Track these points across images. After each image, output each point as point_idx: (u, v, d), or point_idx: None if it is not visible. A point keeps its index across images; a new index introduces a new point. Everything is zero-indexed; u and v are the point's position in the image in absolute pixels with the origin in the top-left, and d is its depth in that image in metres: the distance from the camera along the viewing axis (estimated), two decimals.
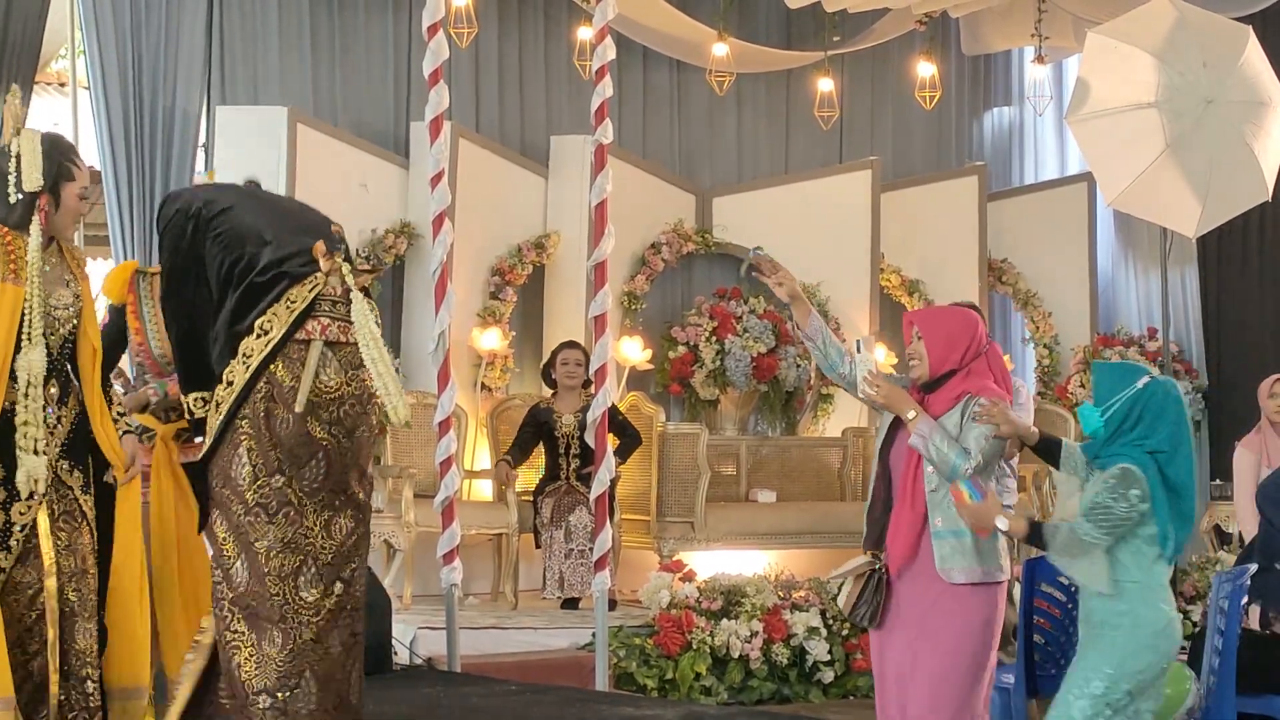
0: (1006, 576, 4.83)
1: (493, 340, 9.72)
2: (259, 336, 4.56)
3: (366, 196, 9.49)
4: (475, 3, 9.51)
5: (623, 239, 8.49)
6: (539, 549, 8.89)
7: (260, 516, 4.53)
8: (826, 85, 11.01)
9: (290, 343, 4.55)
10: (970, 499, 4.55)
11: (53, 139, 4.87)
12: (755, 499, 10.12)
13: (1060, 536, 4.48)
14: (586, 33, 9.66)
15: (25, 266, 4.68)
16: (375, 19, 10.02)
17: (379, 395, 4.57)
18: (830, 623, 8.28)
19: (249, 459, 4.54)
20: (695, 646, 7.93)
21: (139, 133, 8.91)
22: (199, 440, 5.43)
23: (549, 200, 10.23)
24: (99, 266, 8.78)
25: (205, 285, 4.68)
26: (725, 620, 8.07)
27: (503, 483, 8.99)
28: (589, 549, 8.14)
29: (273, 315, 4.56)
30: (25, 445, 4.64)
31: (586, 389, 8.68)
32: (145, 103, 8.97)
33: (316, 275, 4.61)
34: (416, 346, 9.36)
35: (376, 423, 4.67)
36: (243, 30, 9.52)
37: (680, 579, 8.28)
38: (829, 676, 8.24)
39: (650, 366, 10.41)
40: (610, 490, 7.38)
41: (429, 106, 6.93)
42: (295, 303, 4.57)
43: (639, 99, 10.97)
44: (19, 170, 4.70)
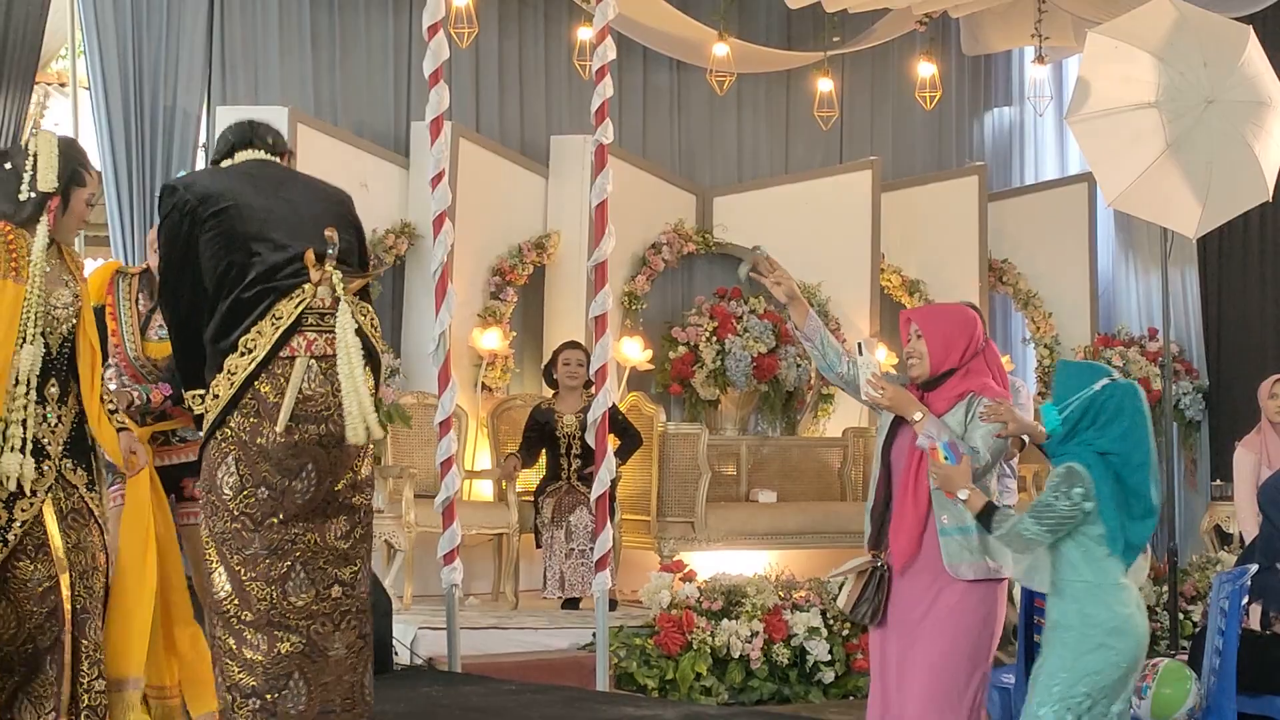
0: (1009, 574, 4.83)
1: (493, 340, 9.72)
2: (243, 354, 4.53)
3: (367, 196, 9.48)
4: (475, 3, 9.51)
5: (623, 239, 8.49)
6: (539, 549, 8.89)
7: (246, 525, 4.52)
8: (826, 85, 11.01)
9: (275, 359, 4.52)
10: (945, 459, 4.57)
11: (68, 143, 4.88)
12: (755, 499, 10.12)
13: (1005, 525, 4.48)
14: (586, 33, 9.66)
15: (27, 265, 4.69)
16: (375, 19, 10.03)
17: (347, 411, 4.53)
18: (831, 623, 8.28)
19: (236, 469, 4.53)
20: (696, 647, 7.93)
21: (139, 133, 8.91)
22: (178, 443, 5.46)
23: (549, 200, 10.23)
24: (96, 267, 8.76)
25: (201, 282, 4.65)
26: (726, 620, 8.07)
27: (506, 475, 9.00)
28: (589, 549, 8.15)
29: (257, 333, 4.53)
30: (6, 442, 4.63)
31: (588, 389, 8.68)
32: (145, 103, 8.97)
33: (305, 287, 4.56)
34: (417, 346, 9.36)
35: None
36: (243, 30, 9.52)
37: (681, 579, 8.27)
38: (829, 677, 8.24)
39: (650, 367, 10.41)
40: (611, 490, 7.38)
41: (429, 106, 6.93)
42: (281, 319, 4.53)
43: (639, 99, 10.97)
44: (34, 169, 4.71)
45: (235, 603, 4.56)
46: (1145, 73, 7.31)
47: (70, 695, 4.77)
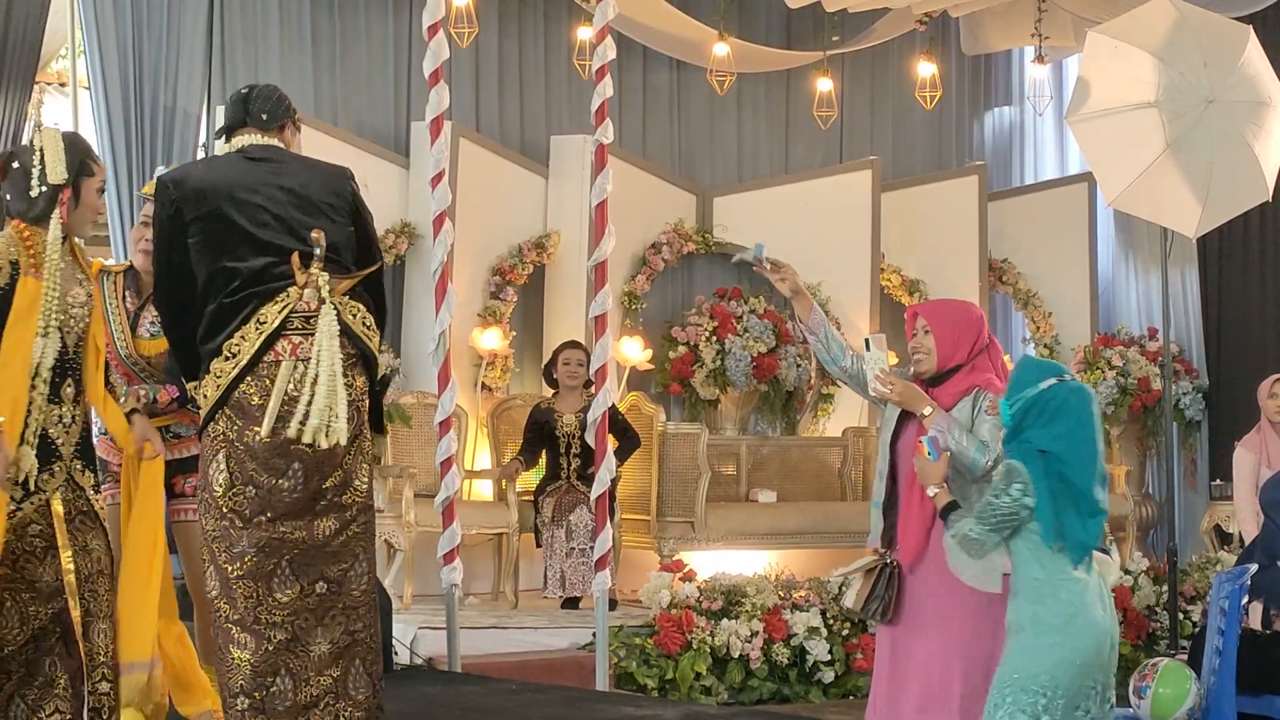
0: (964, 578, 4.77)
1: (493, 340, 9.72)
2: (227, 359, 4.55)
3: (367, 197, 9.44)
4: (475, 3, 9.51)
5: (623, 239, 8.49)
6: (539, 549, 8.89)
7: (234, 522, 4.55)
8: (826, 85, 11.02)
9: (260, 363, 4.54)
10: (927, 455, 4.58)
11: (73, 136, 4.91)
12: (755, 499, 10.12)
13: (956, 526, 4.45)
14: (586, 33, 9.66)
15: (44, 261, 4.71)
16: (375, 19, 10.03)
17: (311, 414, 4.52)
18: (830, 623, 8.28)
19: (226, 466, 4.56)
20: (695, 646, 7.93)
21: (139, 133, 8.91)
22: (170, 439, 5.45)
23: (549, 200, 10.23)
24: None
25: (189, 283, 4.65)
26: (725, 620, 8.07)
27: (508, 476, 9.00)
28: (590, 548, 8.15)
29: (241, 338, 4.55)
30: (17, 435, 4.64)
31: (588, 389, 8.68)
32: (145, 103, 8.98)
33: (290, 291, 4.57)
34: (417, 346, 9.36)
35: (356, 426, 4.64)
36: (243, 30, 9.52)
37: (680, 579, 8.28)
38: (829, 676, 8.24)
39: (650, 366, 10.41)
40: (611, 490, 7.37)
41: (429, 106, 6.92)
42: (265, 323, 4.55)
43: (639, 99, 10.97)
44: (43, 164, 4.73)
45: (223, 602, 4.59)
46: (1145, 73, 7.32)
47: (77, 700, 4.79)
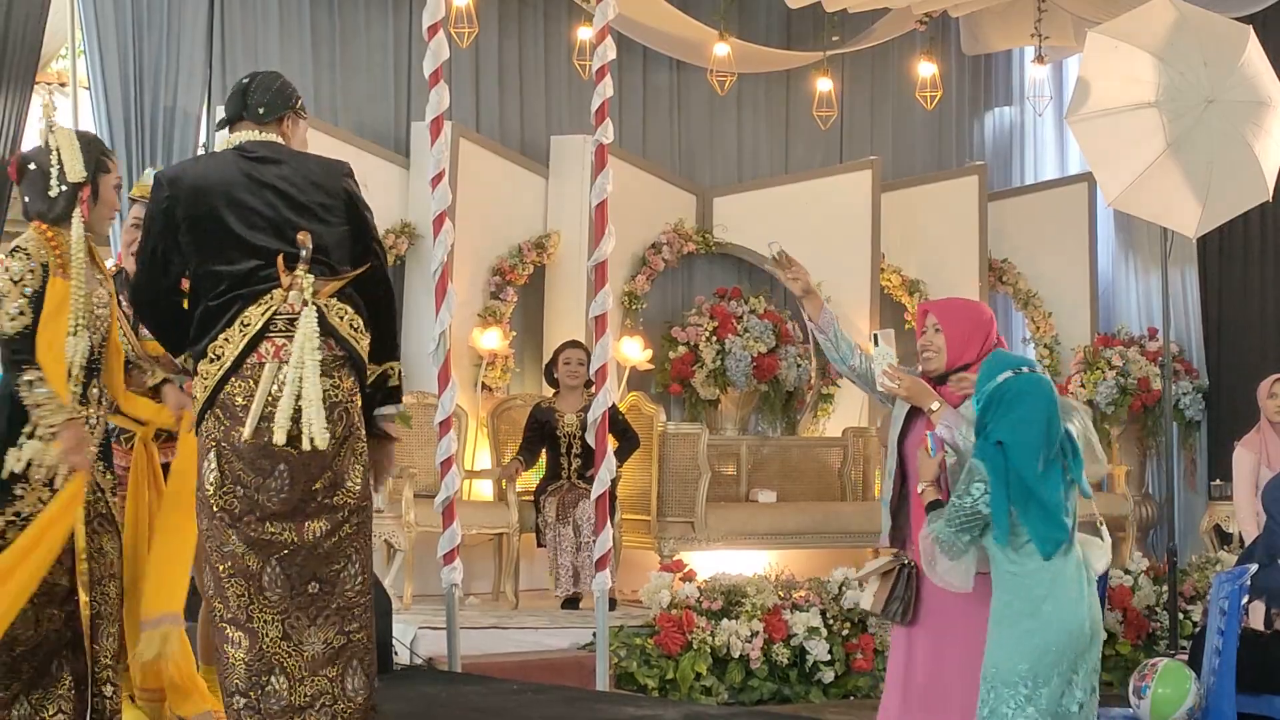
0: (937, 580, 4.73)
1: (493, 340, 9.72)
2: (212, 361, 4.57)
3: (367, 197, 9.46)
4: (475, 3, 9.51)
5: (623, 239, 8.49)
6: (541, 548, 8.89)
7: (224, 521, 4.56)
8: (826, 85, 11.02)
9: (244, 365, 4.55)
10: (929, 453, 4.58)
11: (87, 135, 4.94)
12: (755, 499, 10.12)
13: (934, 526, 4.43)
14: (586, 33, 9.67)
15: (70, 261, 4.73)
16: (375, 19, 10.03)
17: (279, 412, 4.52)
18: (830, 623, 8.28)
19: (217, 465, 4.57)
20: (696, 646, 7.93)
21: (139, 133, 8.91)
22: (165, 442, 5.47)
23: (549, 200, 10.23)
24: None
25: (170, 272, 4.66)
26: (725, 620, 8.06)
27: (508, 476, 9.00)
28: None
29: (225, 340, 4.56)
30: (43, 431, 4.67)
31: (589, 389, 8.67)
32: (145, 103, 8.98)
33: (274, 293, 4.57)
34: (417, 346, 9.35)
35: (345, 428, 4.64)
36: (243, 30, 9.53)
37: (681, 579, 8.27)
38: (829, 676, 8.23)
39: (650, 366, 10.41)
40: (611, 490, 7.38)
41: (429, 106, 6.92)
42: (249, 326, 4.55)
43: (639, 99, 10.97)
44: (60, 163, 4.74)
45: (218, 601, 4.60)
46: (1145, 73, 7.32)
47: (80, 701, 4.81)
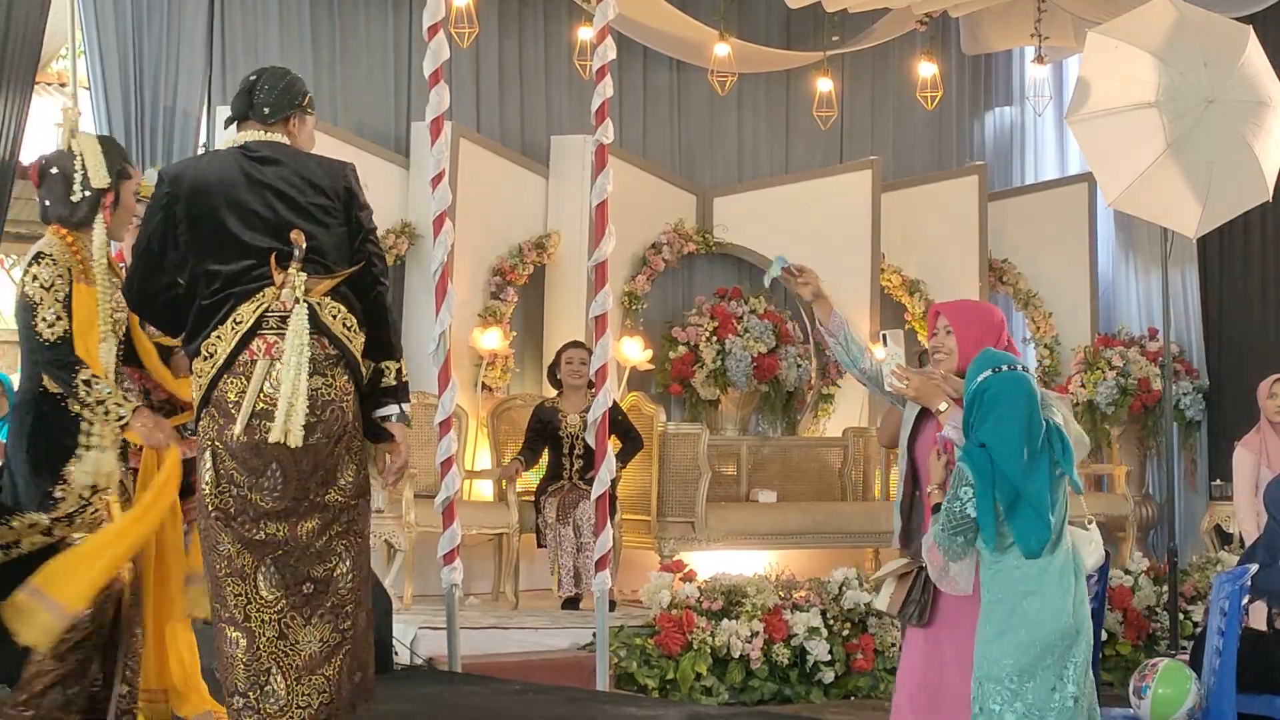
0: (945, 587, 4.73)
1: (493, 340, 9.72)
2: (206, 359, 4.59)
3: (367, 197, 9.47)
4: (475, 3, 9.51)
5: (623, 239, 8.49)
6: (541, 549, 8.89)
7: (219, 520, 4.58)
8: (826, 85, 11.02)
9: (236, 362, 4.56)
10: (938, 454, 4.59)
11: (108, 140, 4.96)
12: (756, 499, 10.12)
13: (932, 530, 4.45)
14: (587, 33, 9.67)
15: (91, 267, 4.75)
16: (375, 19, 10.03)
17: (278, 412, 4.53)
18: (831, 623, 8.28)
19: (212, 464, 4.59)
20: (696, 647, 7.94)
21: (139, 133, 8.92)
22: (191, 436, 5.48)
23: (549, 200, 10.23)
24: None
25: (165, 268, 4.66)
26: (726, 620, 8.07)
27: (508, 476, 9.00)
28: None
29: (217, 338, 4.57)
30: (91, 440, 4.76)
31: (591, 389, 8.67)
32: (146, 103, 8.98)
33: (266, 291, 4.58)
34: (417, 346, 9.34)
35: (339, 426, 4.64)
36: (243, 30, 9.53)
37: (681, 579, 8.28)
38: (829, 677, 8.24)
39: (651, 367, 10.41)
40: (611, 490, 7.38)
41: (429, 107, 6.93)
42: (241, 323, 4.57)
43: (639, 99, 10.98)
44: (84, 169, 4.75)
45: (216, 601, 4.62)
46: (1145, 73, 7.32)
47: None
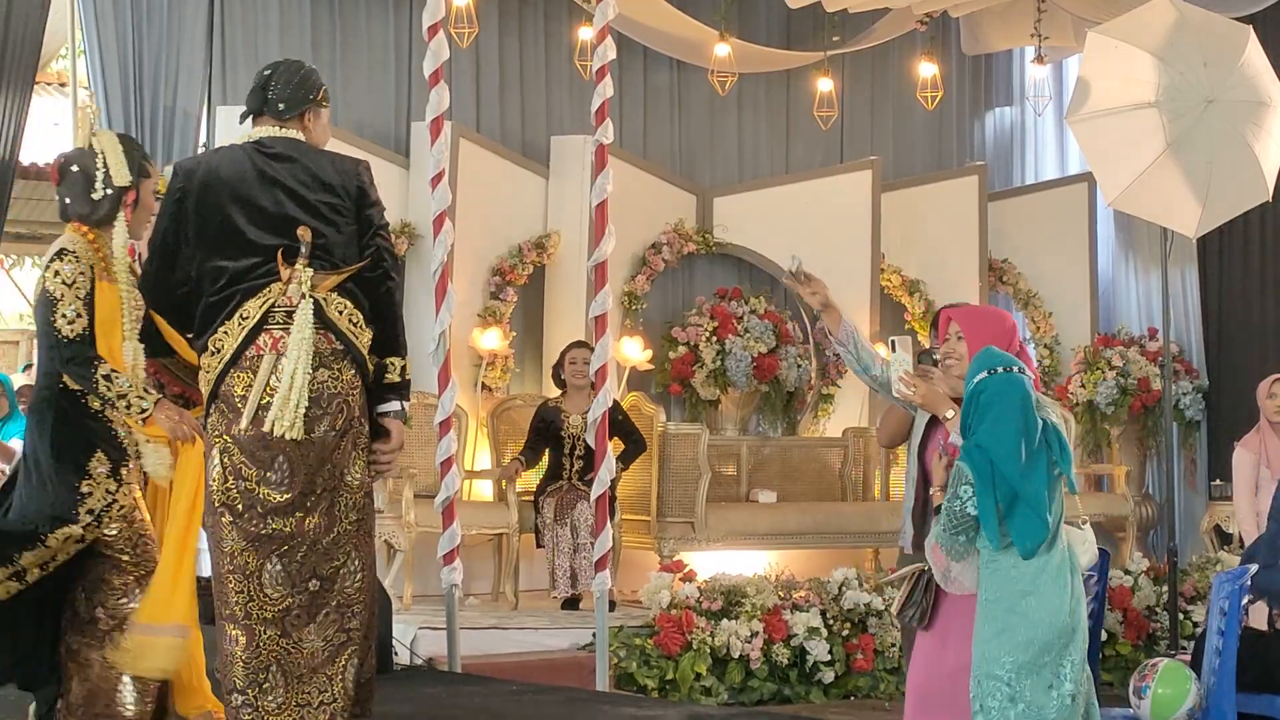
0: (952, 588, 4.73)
1: (493, 340, 9.72)
2: (213, 354, 4.62)
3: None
4: (475, 3, 9.51)
5: (623, 239, 8.50)
6: (540, 549, 8.89)
7: (225, 516, 4.59)
8: (826, 85, 11.02)
9: (243, 357, 4.59)
10: (941, 457, 4.60)
11: (127, 139, 4.96)
12: (756, 499, 10.12)
13: (933, 531, 4.46)
14: (587, 33, 9.66)
15: (113, 265, 4.76)
16: (375, 19, 10.03)
17: (276, 403, 4.55)
18: (830, 623, 8.29)
19: (220, 459, 4.61)
20: (695, 647, 7.94)
21: (139, 133, 8.91)
22: None
23: (549, 200, 10.23)
24: None
25: (178, 263, 4.68)
26: (725, 620, 8.07)
27: (508, 476, 9.00)
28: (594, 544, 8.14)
29: (224, 334, 4.60)
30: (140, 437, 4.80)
31: (594, 389, 8.67)
32: (146, 103, 8.98)
33: (273, 286, 4.60)
34: (417, 346, 9.29)
35: (345, 420, 4.65)
36: (243, 30, 9.53)
37: (680, 579, 8.28)
38: (829, 677, 8.24)
39: (651, 367, 10.41)
40: (611, 490, 7.38)
41: (429, 107, 6.93)
42: (247, 319, 4.59)
43: (639, 99, 10.97)
44: (106, 167, 4.76)
45: (218, 599, 4.63)
46: (1145, 73, 7.32)
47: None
